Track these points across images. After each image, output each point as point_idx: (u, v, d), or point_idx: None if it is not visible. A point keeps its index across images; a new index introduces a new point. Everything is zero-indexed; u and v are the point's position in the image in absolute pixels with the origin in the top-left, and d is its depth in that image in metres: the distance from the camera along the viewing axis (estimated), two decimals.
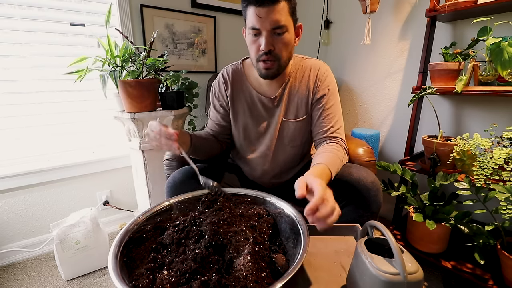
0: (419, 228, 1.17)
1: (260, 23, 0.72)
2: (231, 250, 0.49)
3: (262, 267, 0.47)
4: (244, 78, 0.93)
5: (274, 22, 0.72)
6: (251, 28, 0.75)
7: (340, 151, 0.81)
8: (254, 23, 0.73)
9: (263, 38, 0.74)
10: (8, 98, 1.32)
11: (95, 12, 1.46)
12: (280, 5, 0.71)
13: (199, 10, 1.70)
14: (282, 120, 0.91)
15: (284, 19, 0.73)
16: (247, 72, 0.93)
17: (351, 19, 1.72)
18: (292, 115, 0.90)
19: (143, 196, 1.43)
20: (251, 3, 0.72)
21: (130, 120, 1.24)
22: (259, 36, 0.75)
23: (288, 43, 0.77)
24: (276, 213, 0.65)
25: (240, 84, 0.93)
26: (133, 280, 0.46)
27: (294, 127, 0.91)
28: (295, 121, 0.90)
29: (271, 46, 0.75)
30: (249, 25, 0.75)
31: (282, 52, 0.77)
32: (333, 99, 0.88)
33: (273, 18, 0.71)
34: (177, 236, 0.55)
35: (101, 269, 1.30)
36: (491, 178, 0.94)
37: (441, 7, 1.15)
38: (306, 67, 0.89)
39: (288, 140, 0.92)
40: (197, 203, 0.69)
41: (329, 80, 0.88)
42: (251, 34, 0.77)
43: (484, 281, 1.02)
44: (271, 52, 0.76)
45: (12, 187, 1.35)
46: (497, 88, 1.05)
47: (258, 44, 0.76)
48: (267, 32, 0.73)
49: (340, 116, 0.89)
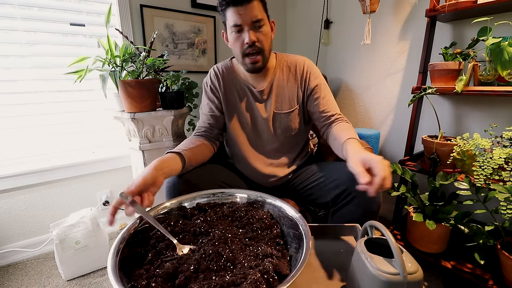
0: (419, 228, 1.17)
1: (241, 19, 0.81)
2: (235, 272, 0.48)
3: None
4: (234, 72, 0.99)
5: (253, 17, 0.81)
6: (234, 26, 0.82)
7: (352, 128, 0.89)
8: (235, 21, 0.81)
9: (246, 33, 0.82)
10: (8, 98, 1.32)
11: (95, 12, 1.46)
12: (254, 3, 0.81)
13: (199, 10, 1.70)
14: (274, 112, 0.96)
15: (260, 14, 0.82)
16: (236, 68, 0.99)
17: (351, 19, 1.72)
18: (284, 107, 0.96)
19: None
20: (229, 5, 0.81)
21: (130, 120, 1.24)
22: (241, 33, 0.83)
23: (267, 35, 0.86)
24: (280, 216, 0.65)
25: (231, 77, 0.98)
26: (132, 281, 0.46)
27: (287, 118, 0.96)
28: (287, 112, 0.96)
29: (254, 37, 0.83)
30: (231, 24, 0.83)
31: (264, 44, 0.85)
32: (325, 89, 0.96)
33: (251, 13, 0.80)
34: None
35: (101, 269, 1.30)
36: (491, 178, 0.94)
37: (441, 7, 1.15)
38: (291, 62, 0.97)
39: (281, 131, 0.97)
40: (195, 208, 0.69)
41: (317, 71, 0.97)
42: (233, 32, 0.84)
43: (484, 281, 1.02)
44: (254, 44, 0.83)
45: (12, 187, 1.35)
46: (497, 88, 1.05)
47: (241, 40, 0.84)
48: (248, 26, 0.82)
49: (334, 100, 0.97)
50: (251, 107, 0.97)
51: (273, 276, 0.45)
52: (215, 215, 0.65)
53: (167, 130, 1.33)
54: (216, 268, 0.48)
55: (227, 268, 0.48)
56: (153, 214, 0.65)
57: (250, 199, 0.72)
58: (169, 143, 1.34)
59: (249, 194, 0.72)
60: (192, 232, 0.59)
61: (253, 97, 0.97)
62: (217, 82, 0.98)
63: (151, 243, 0.56)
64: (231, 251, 0.52)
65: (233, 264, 0.49)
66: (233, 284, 0.43)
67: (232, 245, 0.54)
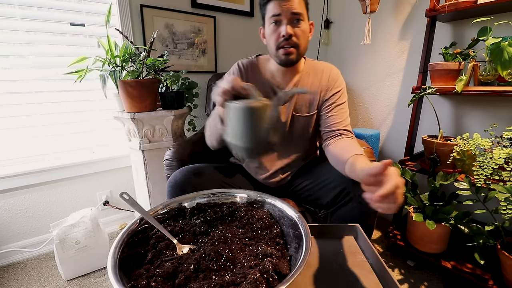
0: (419, 228, 1.17)
1: (281, 9, 0.80)
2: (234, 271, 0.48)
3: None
4: (258, 70, 0.97)
5: (293, 8, 0.80)
6: (273, 16, 0.81)
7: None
8: (275, 11, 0.80)
9: (283, 26, 0.81)
10: (8, 98, 1.32)
11: (95, 12, 1.46)
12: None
13: (199, 10, 1.70)
14: (293, 114, 0.95)
15: (301, 9, 0.82)
16: (262, 66, 0.97)
17: (351, 19, 1.72)
18: (302, 110, 0.95)
19: (143, 196, 1.43)
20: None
21: (130, 120, 1.24)
22: (280, 25, 0.82)
23: (305, 32, 0.85)
24: (279, 216, 0.65)
25: (254, 74, 0.97)
26: (132, 280, 0.46)
27: (304, 121, 0.96)
28: (305, 116, 0.95)
29: (292, 31, 0.81)
30: (270, 14, 0.82)
31: (300, 39, 0.84)
32: (344, 98, 0.95)
33: (293, 5, 0.80)
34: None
35: (101, 269, 1.30)
36: (491, 178, 0.94)
37: (441, 7, 1.15)
38: (318, 67, 0.96)
39: (297, 134, 0.97)
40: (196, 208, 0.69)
41: (341, 81, 0.96)
42: (271, 24, 0.83)
43: (484, 281, 1.02)
44: (291, 37, 0.82)
45: (12, 187, 1.35)
46: (497, 88, 1.05)
47: (278, 32, 0.83)
48: (287, 19, 0.81)
49: (348, 116, 0.94)
50: None
51: (272, 276, 0.45)
52: (215, 215, 0.65)
53: (167, 130, 1.34)
54: (216, 268, 0.48)
55: (227, 268, 0.48)
56: (153, 214, 0.65)
57: (250, 199, 0.72)
58: (169, 143, 1.34)
59: (249, 194, 0.73)
60: (192, 232, 0.59)
61: (274, 96, 0.94)
62: (240, 76, 0.96)
63: (151, 243, 0.56)
64: (231, 250, 0.52)
65: (233, 263, 0.49)
66: (233, 283, 0.43)
67: (232, 245, 0.54)
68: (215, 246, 0.52)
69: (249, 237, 0.58)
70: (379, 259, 0.57)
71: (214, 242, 0.54)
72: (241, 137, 0.58)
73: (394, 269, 1.26)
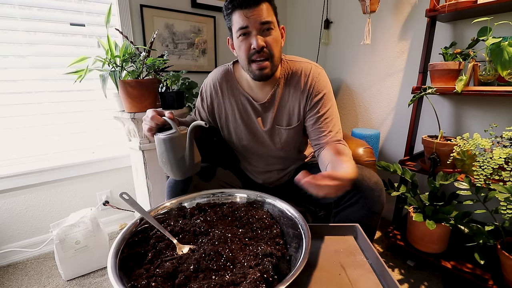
0: (419, 228, 1.17)
1: (248, 21, 0.73)
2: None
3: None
4: (235, 81, 0.91)
5: (262, 18, 0.73)
6: (240, 29, 0.74)
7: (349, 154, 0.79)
8: (241, 23, 0.74)
9: (253, 37, 0.74)
10: (8, 98, 1.32)
11: (95, 12, 1.46)
12: (263, 5, 0.74)
13: (199, 10, 1.70)
14: (274, 126, 0.90)
15: (270, 17, 0.75)
16: (238, 75, 0.91)
17: (351, 19, 1.72)
18: (284, 122, 0.90)
19: (143, 196, 1.43)
20: (235, 8, 0.74)
21: (130, 120, 1.24)
22: (248, 36, 0.75)
23: (277, 40, 0.78)
24: (279, 216, 0.65)
25: (231, 88, 0.91)
26: (132, 280, 0.46)
27: (287, 133, 0.90)
28: (288, 129, 0.90)
29: (263, 42, 0.75)
30: (237, 27, 0.75)
31: (273, 49, 0.77)
32: (328, 103, 0.86)
33: (260, 15, 0.73)
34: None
35: (101, 269, 1.30)
36: (491, 178, 0.94)
37: (441, 7, 1.15)
38: (296, 70, 0.87)
39: (280, 146, 0.93)
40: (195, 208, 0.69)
41: (323, 83, 0.86)
42: (240, 36, 0.76)
43: (484, 281, 1.02)
44: (263, 49, 0.75)
45: (12, 187, 1.35)
46: (497, 88, 1.05)
47: (248, 44, 0.76)
48: (256, 30, 0.74)
49: (337, 118, 0.88)
50: (250, 120, 0.92)
51: (272, 276, 0.45)
52: (215, 215, 0.65)
53: None
54: (215, 268, 0.48)
55: (226, 268, 0.48)
56: (153, 214, 0.65)
57: (250, 199, 0.72)
58: None
59: (249, 194, 0.73)
60: (192, 232, 0.59)
61: (253, 109, 0.90)
62: (210, 97, 0.94)
63: (151, 243, 0.56)
64: (230, 250, 0.52)
65: (233, 263, 0.49)
66: (232, 283, 0.43)
67: (232, 244, 0.54)
68: (215, 246, 0.52)
69: (249, 237, 0.58)
70: (379, 259, 0.57)
71: (214, 242, 0.54)
72: (167, 162, 0.71)
73: (394, 269, 1.26)
